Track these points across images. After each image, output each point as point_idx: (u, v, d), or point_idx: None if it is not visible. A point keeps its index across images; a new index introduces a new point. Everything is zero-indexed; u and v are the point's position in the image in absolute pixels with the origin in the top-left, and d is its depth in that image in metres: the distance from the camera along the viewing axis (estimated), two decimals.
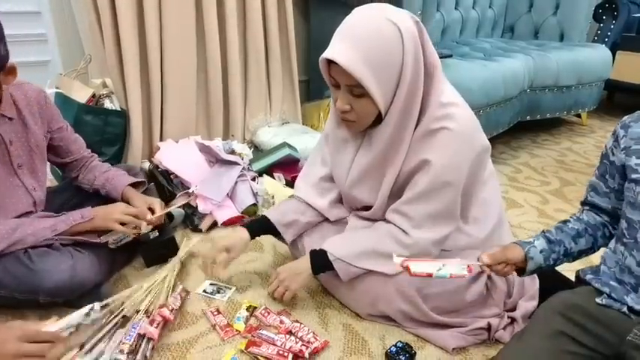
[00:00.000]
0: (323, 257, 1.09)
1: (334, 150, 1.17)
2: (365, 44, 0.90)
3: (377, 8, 0.93)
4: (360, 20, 0.92)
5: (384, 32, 0.90)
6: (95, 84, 1.77)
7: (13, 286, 1.05)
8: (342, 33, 0.93)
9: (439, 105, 0.98)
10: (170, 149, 1.80)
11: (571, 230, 0.94)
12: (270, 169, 1.82)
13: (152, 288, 1.15)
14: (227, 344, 1.06)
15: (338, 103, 0.98)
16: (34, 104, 1.15)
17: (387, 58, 0.91)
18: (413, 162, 1.01)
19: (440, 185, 1.00)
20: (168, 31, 1.75)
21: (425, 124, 0.99)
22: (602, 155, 0.93)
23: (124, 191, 1.29)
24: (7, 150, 1.10)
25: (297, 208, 1.22)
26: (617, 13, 2.90)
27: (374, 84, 0.91)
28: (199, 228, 1.54)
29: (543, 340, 0.83)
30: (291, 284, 1.12)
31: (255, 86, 2.09)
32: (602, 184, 0.92)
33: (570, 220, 0.96)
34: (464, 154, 1.00)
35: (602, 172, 0.92)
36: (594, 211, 0.96)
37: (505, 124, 2.19)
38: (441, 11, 2.63)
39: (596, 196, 0.94)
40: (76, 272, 1.07)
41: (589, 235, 0.94)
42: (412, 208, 1.04)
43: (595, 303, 0.84)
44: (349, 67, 0.89)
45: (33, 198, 1.16)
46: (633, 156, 0.82)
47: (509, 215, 1.71)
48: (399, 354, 1.01)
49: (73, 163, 1.29)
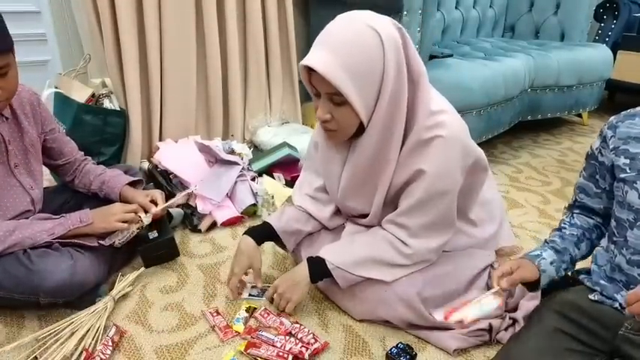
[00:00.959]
0: (321, 265, 1.08)
1: (324, 160, 1.15)
2: (344, 51, 0.87)
3: (358, 15, 0.91)
4: (339, 27, 0.90)
5: (363, 39, 0.87)
6: (94, 84, 1.76)
7: (12, 286, 1.04)
8: (322, 40, 0.90)
9: (429, 113, 0.96)
10: (169, 149, 1.79)
11: (571, 237, 0.94)
12: (270, 169, 1.81)
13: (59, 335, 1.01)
14: (226, 345, 1.05)
15: (318, 112, 0.96)
16: (26, 105, 1.16)
17: (367, 65, 0.88)
18: (407, 173, 1.00)
19: (436, 195, 0.99)
20: (168, 31, 1.74)
21: (416, 134, 0.97)
22: (588, 156, 0.93)
23: (121, 191, 1.28)
24: (5, 149, 1.10)
25: (300, 217, 1.21)
26: (617, 12, 2.90)
27: (353, 91, 0.89)
28: (199, 228, 1.53)
29: (541, 339, 0.84)
30: (292, 296, 1.10)
31: (254, 86, 2.09)
32: (593, 185, 0.93)
33: (565, 227, 0.96)
34: (458, 160, 0.98)
35: (591, 172, 0.92)
36: (585, 213, 0.97)
37: (506, 124, 2.19)
38: (441, 11, 2.62)
39: (586, 198, 0.94)
40: (76, 272, 1.07)
41: (587, 239, 0.94)
42: (409, 218, 1.04)
43: (588, 300, 0.86)
44: (327, 74, 0.87)
45: (31, 196, 1.16)
46: (622, 156, 0.83)
47: (510, 215, 1.70)
48: (399, 355, 1.01)
49: (66, 165, 1.29)
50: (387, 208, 1.08)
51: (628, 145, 0.83)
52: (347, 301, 1.14)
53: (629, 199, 0.81)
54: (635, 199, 0.80)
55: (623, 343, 0.80)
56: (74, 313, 1.09)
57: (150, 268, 1.32)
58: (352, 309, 1.14)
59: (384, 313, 1.09)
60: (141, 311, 1.15)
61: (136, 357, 1.01)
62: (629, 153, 0.82)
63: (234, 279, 1.15)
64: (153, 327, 1.10)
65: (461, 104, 1.85)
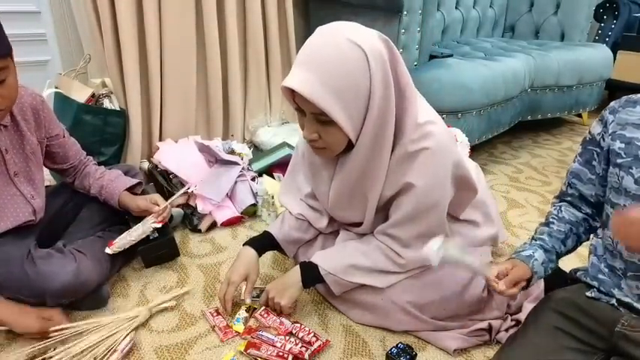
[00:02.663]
0: (314, 270, 1.08)
1: (311, 173, 1.14)
2: (326, 71, 0.84)
3: (338, 30, 0.86)
4: (320, 44, 0.85)
5: (346, 56, 0.83)
6: (94, 84, 1.76)
7: (17, 289, 1.04)
8: (303, 59, 0.87)
9: (415, 126, 0.94)
10: (169, 149, 1.79)
11: (558, 233, 0.94)
12: (269, 169, 1.81)
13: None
14: (226, 346, 1.05)
15: (305, 133, 0.93)
16: (28, 110, 1.11)
17: (352, 84, 0.85)
18: (395, 185, 0.99)
19: (426, 207, 0.99)
20: (168, 31, 1.74)
21: (403, 147, 0.95)
22: (586, 142, 0.92)
23: (120, 198, 1.27)
24: (2, 159, 1.06)
25: (300, 226, 1.20)
26: (617, 12, 2.90)
27: (340, 112, 0.86)
28: (199, 228, 1.53)
29: (539, 338, 0.85)
30: (281, 300, 1.09)
31: (254, 86, 2.09)
32: (587, 171, 0.92)
33: (553, 222, 0.96)
34: (447, 171, 0.98)
35: (588, 158, 0.91)
36: (575, 205, 0.96)
37: (506, 124, 2.19)
38: (441, 11, 2.62)
39: (579, 184, 0.94)
40: (80, 273, 1.08)
41: (573, 234, 0.94)
42: (400, 230, 1.04)
43: (585, 297, 0.86)
44: (311, 97, 0.84)
45: (32, 206, 1.12)
46: (617, 140, 0.83)
47: (510, 215, 1.70)
48: (399, 355, 1.01)
49: (70, 169, 1.27)
50: (380, 215, 1.08)
51: (625, 130, 0.83)
52: (344, 307, 1.15)
53: (625, 185, 0.81)
54: (632, 185, 0.80)
55: (621, 339, 0.80)
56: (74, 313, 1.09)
57: (150, 268, 1.32)
58: (350, 314, 1.14)
59: (382, 320, 1.10)
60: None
61: (136, 357, 1.01)
62: (625, 137, 0.82)
63: (230, 288, 1.09)
64: (153, 327, 1.10)
65: (461, 104, 1.85)
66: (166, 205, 1.27)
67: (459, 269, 1.10)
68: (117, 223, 1.33)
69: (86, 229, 1.28)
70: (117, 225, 1.32)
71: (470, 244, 1.18)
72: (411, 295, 1.07)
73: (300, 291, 1.10)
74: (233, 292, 1.09)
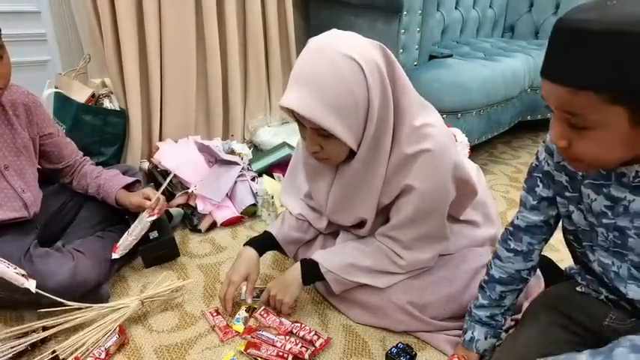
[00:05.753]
0: (314, 268, 1.08)
1: (309, 177, 1.14)
2: (323, 88, 0.83)
3: (332, 44, 0.85)
4: (313, 60, 0.85)
5: (342, 71, 0.83)
6: (94, 84, 1.76)
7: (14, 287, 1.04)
8: (297, 77, 0.87)
9: (412, 129, 0.94)
10: (169, 149, 1.79)
11: (491, 300, 0.93)
12: (269, 169, 1.81)
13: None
14: (226, 345, 1.05)
15: (307, 146, 0.94)
16: (19, 105, 1.12)
17: (350, 98, 0.85)
18: (396, 188, 0.99)
19: (426, 210, 0.99)
20: (168, 31, 1.74)
21: (400, 149, 0.95)
22: (532, 168, 0.88)
23: (116, 196, 1.27)
24: None
25: (300, 226, 1.21)
26: None
27: (340, 127, 0.86)
28: (199, 228, 1.53)
29: (536, 334, 0.86)
30: (283, 297, 1.10)
31: (254, 86, 2.09)
32: (531, 198, 0.88)
33: (494, 274, 0.92)
34: (447, 172, 0.97)
35: (531, 185, 0.88)
36: (529, 233, 0.90)
37: (506, 124, 2.19)
38: (441, 11, 2.62)
39: (525, 211, 0.90)
40: (77, 272, 1.07)
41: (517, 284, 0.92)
42: (401, 232, 1.04)
43: (576, 292, 0.87)
44: (311, 116, 0.84)
45: (23, 200, 1.12)
46: (562, 172, 0.80)
47: (510, 215, 1.70)
48: (399, 355, 1.01)
49: (66, 168, 1.27)
50: (380, 218, 1.08)
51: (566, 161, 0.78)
52: (344, 306, 1.15)
53: (575, 219, 0.80)
54: (581, 220, 0.79)
55: (610, 333, 0.80)
56: None
57: (150, 268, 1.32)
58: (350, 314, 1.14)
59: (382, 320, 1.10)
60: (141, 311, 1.15)
61: (136, 357, 1.01)
62: (568, 170, 0.79)
63: (231, 288, 1.09)
64: (153, 327, 1.10)
65: (461, 104, 1.85)
66: (157, 197, 1.25)
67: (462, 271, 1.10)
68: (116, 223, 1.33)
69: (86, 228, 1.28)
70: (116, 225, 1.32)
71: (470, 244, 1.18)
72: (411, 295, 1.07)
73: (300, 288, 1.11)
74: (233, 292, 1.10)
